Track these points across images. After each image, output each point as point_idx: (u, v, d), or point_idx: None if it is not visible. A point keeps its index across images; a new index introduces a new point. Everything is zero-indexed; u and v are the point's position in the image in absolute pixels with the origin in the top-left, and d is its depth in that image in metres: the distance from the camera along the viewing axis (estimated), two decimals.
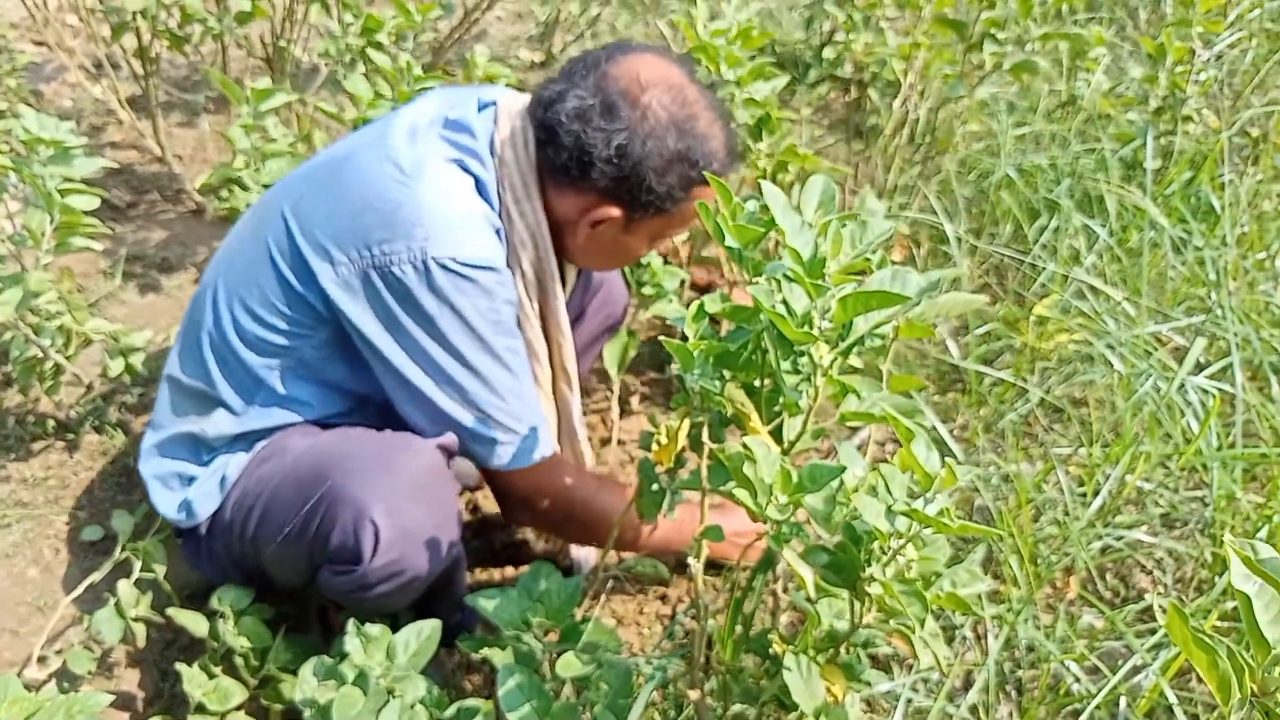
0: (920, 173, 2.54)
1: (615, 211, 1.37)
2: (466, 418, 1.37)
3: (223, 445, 1.46)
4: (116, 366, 1.89)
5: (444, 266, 1.28)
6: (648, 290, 1.91)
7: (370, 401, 1.46)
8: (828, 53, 2.85)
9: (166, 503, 1.48)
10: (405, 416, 1.40)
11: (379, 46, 2.16)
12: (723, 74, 1.83)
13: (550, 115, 1.34)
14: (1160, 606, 1.44)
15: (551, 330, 1.51)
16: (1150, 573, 1.63)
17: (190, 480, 1.47)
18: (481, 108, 1.41)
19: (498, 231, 1.37)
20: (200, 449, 1.47)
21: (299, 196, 1.40)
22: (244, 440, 1.45)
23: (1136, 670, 1.39)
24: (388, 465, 1.30)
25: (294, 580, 1.43)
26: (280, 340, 1.39)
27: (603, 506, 1.48)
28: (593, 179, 1.34)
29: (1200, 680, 1.41)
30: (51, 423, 2.00)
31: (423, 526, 1.32)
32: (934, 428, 1.76)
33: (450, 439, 1.37)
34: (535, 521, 1.61)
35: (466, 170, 1.36)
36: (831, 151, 2.97)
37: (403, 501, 1.29)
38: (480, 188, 1.37)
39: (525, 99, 1.43)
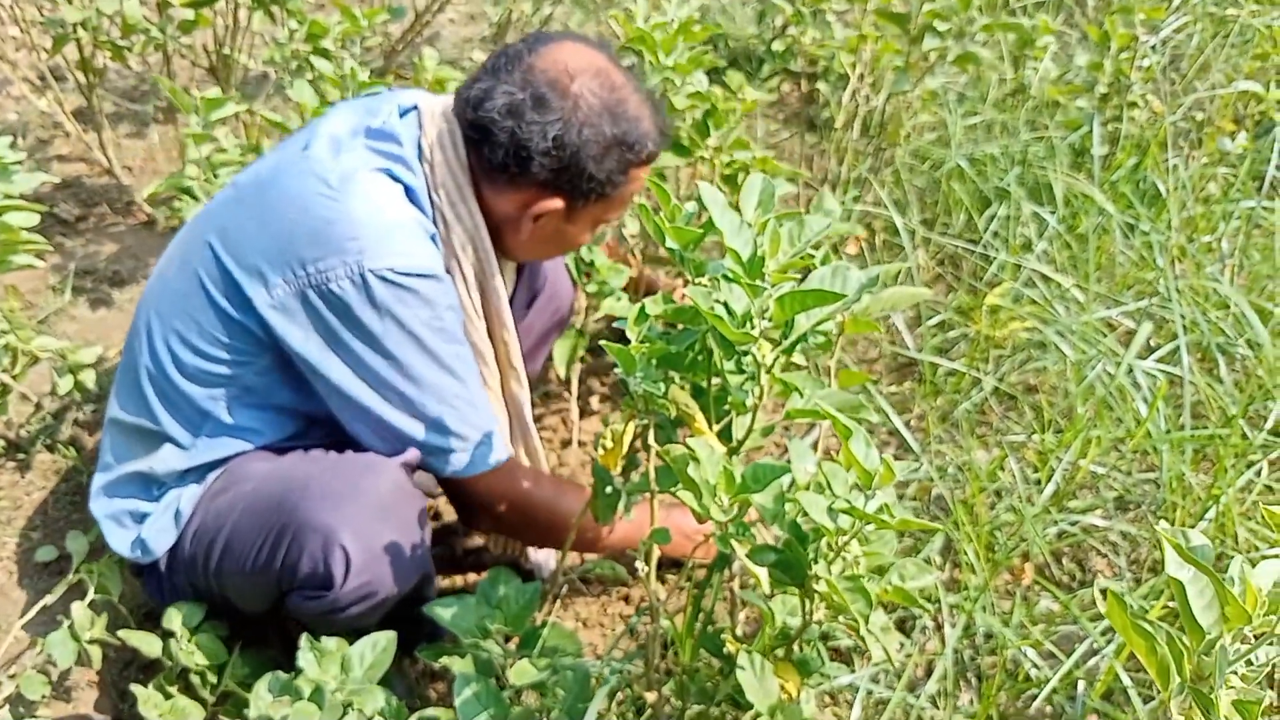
0: (873, 165, 2.55)
1: (557, 203, 1.37)
2: (418, 430, 1.36)
3: (173, 480, 1.43)
4: (65, 384, 1.86)
5: (382, 278, 1.27)
6: (592, 288, 1.91)
7: (320, 422, 1.44)
8: (777, 46, 2.85)
9: (120, 541, 1.45)
10: (355, 435, 1.38)
11: (325, 53, 2.14)
12: (660, 61, 1.83)
13: (482, 114, 1.32)
14: (1100, 592, 1.46)
15: (496, 329, 1.50)
16: (1105, 556, 1.65)
17: (143, 517, 1.44)
18: (403, 113, 1.39)
19: (432, 238, 1.36)
20: (150, 485, 1.44)
21: (225, 222, 1.37)
22: (195, 473, 1.42)
23: (1093, 653, 1.41)
24: (352, 488, 1.29)
25: (261, 607, 1.42)
26: (222, 370, 1.37)
27: (562, 509, 1.48)
28: (532, 173, 1.33)
29: None
30: (1, 443, 1.96)
31: (392, 546, 1.31)
32: (889, 419, 1.77)
33: (413, 455, 1.36)
34: (495, 526, 1.60)
35: (395, 178, 1.34)
36: (786, 145, 2.98)
37: (371, 523, 1.28)
38: (410, 195, 1.35)
39: (446, 100, 1.41)
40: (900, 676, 1.37)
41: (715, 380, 1.08)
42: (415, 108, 1.40)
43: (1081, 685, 1.39)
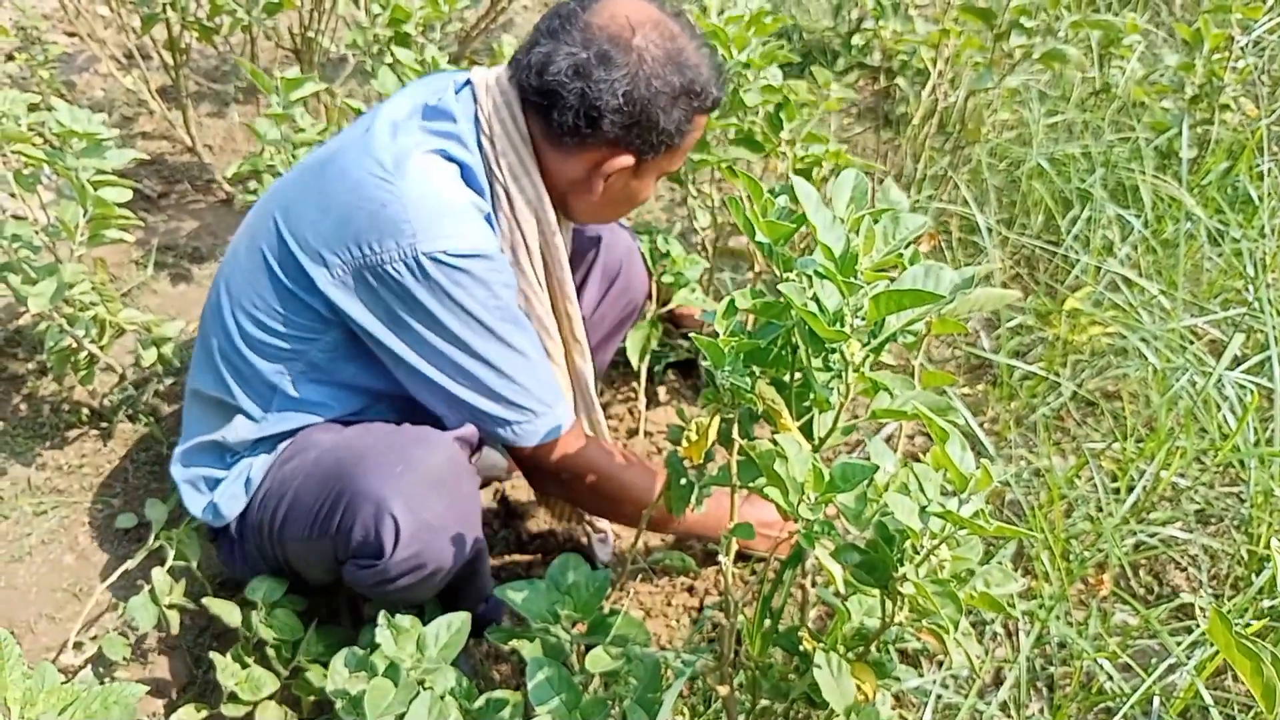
0: (950, 162, 2.51)
1: (628, 159, 1.37)
2: (481, 402, 1.37)
3: (245, 449, 1.47)
4: (149, 356, 1.90)
5: (436, 260, 1.28)
6: (667, 279, 1.90)
7: (386, 396, 1.46)
8: (856, 40, 2.81)
9: (196, 505, 1.50)
10: (424, 403, 1.41)
11: (406, 37, 2.16)
12: (734, 57, 1.82)
13: (548, 79, 1.31)
14: (1202, 608, 1.42)
15: (559, 302, 1.51)
16: (1185, 570, 1.61)
17: (216, 483, 1.48)
18: (458, 90, 1.40)
19: (486, 218, 1.36)
20: (224, 454, 1.48)
21: (288, 201, 1.39)
22: (266, 443, 1.46)
23: (1171, 669, 1.37)
24: (406, 460, 1.30)
25: (322, 576, 1.45)
26: (287, 345, 1.40)
27: (628, 481, 1.48)
28: (603, 131, 1.33)
29: (1237, 680, 1.40)
30: (86, 411, 2.02)
31: (443, 519, 1.32)
32: (965, 422, 1.75)
33: (469, 431, 1.37)
34: (562, 493, 1.60)
35: (450, 158, 1.35)
36: (859, 140, 2.95)
37: (422, 495, 1.30)
38: (466, 173, 1.36)
39: (498, 71, 1.41)
40: (972, 683, 1.35)
41: (798, 376, 1.07)
42: (469, 83, 1.40)
43: (1157, 701, 1.36)
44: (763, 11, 1.90)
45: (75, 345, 1.83)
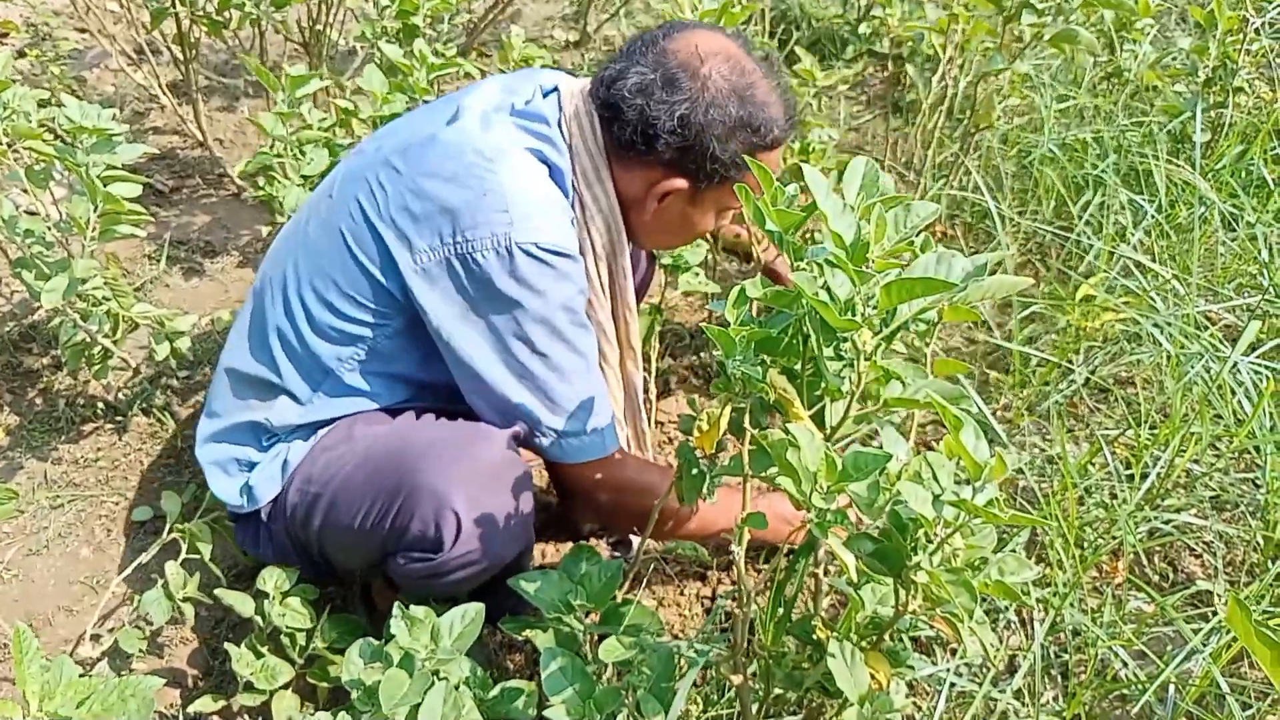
0: (961, 149, 2.49)
1: (681, 183, 1.38)
2: (536, 407, 1.37)
3: (285, 432, 1.46)
4: (163, 350, 1.91)
5: (527, 252, 1.29)
6: (667, 261, 1.90)
7: (432, 388, 1.46)
8: (864, 28, 2.80)
9: (226, 488, 1.49)
10: (473, 406, 1.40)
11: (415, 29, 2.16)
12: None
13: (613, 93, 1.35)
14: (1218, 595, 1.42)
15: (620, 309, 1.52)
16: (1200, 556, 1.60)
17: (251, 465, 1.48)
18: (545, 94, 1.42)
19: (571, 220, 1.38)
20: (261, 435, 1.47)
21: (373, 185, 1.39)
22: (306, 428, 1.46)
23: (1187, 656, 1.37)
24: (467, 455, 1.31)
25: (359, 565, 1.44)
26: (356, 330, 1.39)
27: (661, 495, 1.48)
28: (658, 151, 1.35)
29: (1254, 667, 1.39)
30: (100, 405, 2.04)
31: (501, 516, 1.33)
32: (978, 409, 1.74)
33: (521, 428, 1.37)
34: (597, 515, 1.61)
35: (543, 159, 1.37)
36: (869, 128, 2.94)
37: (482, 491, 1.30)
38: (555, 175, 1.38)
39: (584, 82, 1.44)
40: (986, 671, 1.35)
41: (809, 365, 1.07)
42: (556, 88, 1.42)
43: (1173, 689, 1.35)
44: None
45: (89, 340, 1.84)
